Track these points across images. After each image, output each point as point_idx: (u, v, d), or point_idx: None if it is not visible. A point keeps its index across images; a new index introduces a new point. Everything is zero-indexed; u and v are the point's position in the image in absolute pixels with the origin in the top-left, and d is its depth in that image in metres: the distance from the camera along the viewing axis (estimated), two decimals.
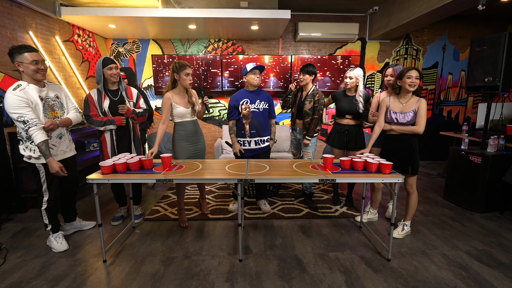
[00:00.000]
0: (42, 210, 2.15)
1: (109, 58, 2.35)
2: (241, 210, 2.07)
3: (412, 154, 2.29)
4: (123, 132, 2.49)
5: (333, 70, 4.65)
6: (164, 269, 1.98)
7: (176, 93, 2.42)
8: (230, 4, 3.74)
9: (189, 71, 2.37)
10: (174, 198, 3.35)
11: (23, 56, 1.89)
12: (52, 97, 2.09)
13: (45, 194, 2.13)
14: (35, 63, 1.92)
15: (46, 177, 2.11)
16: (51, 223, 2.19)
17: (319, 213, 2.90)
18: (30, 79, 1.97)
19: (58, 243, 2.21)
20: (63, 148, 2.19)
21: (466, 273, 1.94)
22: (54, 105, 2.10)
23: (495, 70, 2.69)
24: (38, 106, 1.97)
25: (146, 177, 1.93)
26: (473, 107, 5.16)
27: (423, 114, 2.20)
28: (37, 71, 1.94)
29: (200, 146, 2.62)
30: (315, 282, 1.84)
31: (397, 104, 2.31)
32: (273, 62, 4.56)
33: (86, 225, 2.55)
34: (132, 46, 4.66)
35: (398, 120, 2.29)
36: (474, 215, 2.89)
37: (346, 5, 4.27)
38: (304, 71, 2.79)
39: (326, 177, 1.92)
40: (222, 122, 4.96)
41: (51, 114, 2.07)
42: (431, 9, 3.14)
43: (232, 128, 2.72)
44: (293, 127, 3.06)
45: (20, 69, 1.94)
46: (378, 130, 2.39)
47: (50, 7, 3.34)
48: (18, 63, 1.91)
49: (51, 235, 2.23)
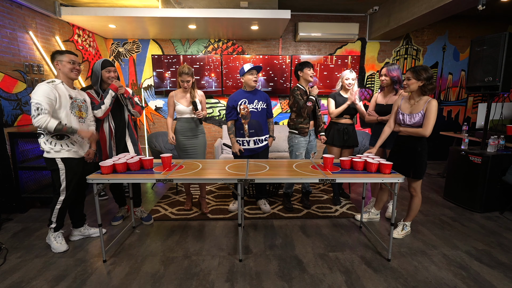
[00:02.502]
0: (56, 209, 2.12)
1: (109, 60, 2.39)
2: (241, 210, 2.07)
3: (415, 158, 2.24)
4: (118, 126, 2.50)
5: (333, 70, 4.65)
6: (164, 269, 1.98)
7: (179, 92, 2.70)
8: (230, 4, 3.74)
9: (186, 78, 2.59)
10: (174, 198, 3.35)
11: (64, 55, 2.07)
12: (80, 99, 2.21)
13: (62, 193, 2.12)
14: (72, 63, 2.10)
15: (66, 175, 2.10)
16: (57, 222, 2.17)
17: (319, 213, 2.90)
18: (65, 78, 2.12)
19: (58, 243, 2.20)
20: (84, 148, 2.25)
21: (466, 273, 1.94)
22: (82, 107, 2.21)
23: (495, 70, 2.69)
24: (66, 101, 2.07)
25: (146, 177, 1.93)
26: (473, 107, 5.16)
27: (430, 116, 2.11)
28: (72, 70, 2.10)
29: (196, 141, 2.75)
30: (315, 282, 1.84)
31: (407, 105, 2.28)
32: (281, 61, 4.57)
33: (94, 233, 2.44)
34: (132, 46, 4.66)
35: (405, 122, 2.25)
36: (474, 215, 2.89)
37: (346, 5, 4.27)
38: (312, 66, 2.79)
39: (326, 177, 1.92)
40: (222, 122, 4.96)
41: (78, 113, 2.17)
42: (431, 9, 3.14)
43: (230, 129, 2.73)
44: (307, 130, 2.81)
45: (58, 67, 2.09)
46: (388, 131, 2.38)
47: (50, 7, 3.34)
48: (58, 61, 2.07)
49: (51, 233, 2.20)
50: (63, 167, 2.09)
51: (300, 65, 2.78)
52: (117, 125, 2.51)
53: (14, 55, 2.91)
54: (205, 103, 2.84)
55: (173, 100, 2.67)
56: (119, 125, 2.52)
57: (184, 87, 2.63)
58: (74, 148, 2.14)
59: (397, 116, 2.31)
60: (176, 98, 2.67)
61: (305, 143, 2.84)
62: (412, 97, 2.26)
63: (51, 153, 2.06)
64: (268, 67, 4.59)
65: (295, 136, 2.82)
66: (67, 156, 2.09)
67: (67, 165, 2.10)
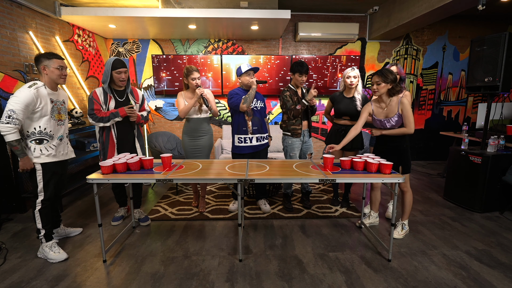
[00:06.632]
0: (36, 212, 2.06)
1: (120, 60, 2.33)
2: (241, 210, 2.07)
3: (402, 155, 2.31)
4: (127, 131, 2.48)
5: (333, 70, 4.65)
6: (164, 269, 1.98)
7: (187, 92, 2.74)
8: (230, 4, 3.74)
9: (195, 75, 2.62)
10: (174, 198, 3.35)
11: (52, 61, 2.02)
12: (60, 102, 2.18)
13: (40, 194, 2.08)
14: (61, 69, 2.06)
15: (43, 176, 2.07)
16: (44, 228, 2.08)
17: (319, 213, 2.90)
18: (50, 82, 2.06)
19: (55, 253, 2.09)
20: (62, 150, 2.20)
21: (466, 273, 1.94)
22: (61, 109, 2.19)
23: (495, 70, 2.69)
24: (47, 106, 2.03)
25: (146, 177, 1.93)
26: (473, 107, 5.16)
27: (408, 114, 2.17)
28: (61, 76, 2.07)
29: (200, 142, 2.77)
30: (315, 282, 1.84)
31: (380, 110, 2.31)
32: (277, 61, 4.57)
33: (72, 232, 2.45)
34: (132, 46, 4.66)
35: (385, 126, 2.29)
36: (474, 215, 2.89)
37: (346, 5, 4.27)
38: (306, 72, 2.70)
39: (326, 177, 1.92)
40: (222, 122, 4.96)
41: (57, 116, 2.14)
42: (431, 9, 3.14)
43: (246, 98, 2.55)
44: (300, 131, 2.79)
45: (44, 72, 2.03)
46: (353, 134, 2.36)
47: (50, 7, 3.34)
48: (44, 66, 2.01)
49: (44, 243, 2.10)
50: (40, 168, 2.05)
51: (294, 66, 2.69)
52: (126, 129, 2.48)
53: (14, 55, 2.91)
54: (214, 100, 2.82)
55: (183, 98, 2.69)
56: (128, 129, 2.49)
57: (196, 84, 2.61)
58: (53, 152, 2.10)
59: (375, 122, 2.36)
60: (185, 98, 2.70)
61: (299, 144, 2.83)
62: (381, 100, 2.29)
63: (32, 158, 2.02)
64: (268, 67, 4.58)
65: (288, 137, 2.82)
66: (47, 161, 2.06)
67: (44, 166, 2.06)
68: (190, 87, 2.69)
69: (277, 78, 4.64)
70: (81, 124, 3.39)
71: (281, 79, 4.64)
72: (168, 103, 4.85)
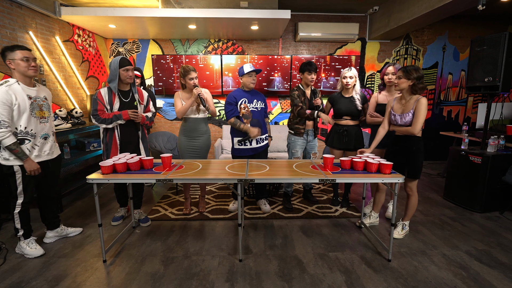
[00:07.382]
0: (15, 214, 2.06)
1: (126, 58, 2.32)
2: (241, 210, 2.07)
3: (410, 157, 2.26)
4: (131, 133, 2.46)
5: (333, 70, 4.66)
6: (164, 269, 1.98)
7: (184, 92, 2.71)
8: (230, 4, 3.74)
9: (192, 75, 2.59)
10: (174, 198, 3.35)
11: (15, 53, 1.91)
12: (41, 98, 2.10)
13: (19, 196, 2.05)
14: (26, 60, 1.94)
15: (23, 179, 2.03)
16: (23, 228, 2.09)
17: (319, 213, 2.90)
18: (21, 77, 1.97)
19: (32, 249, 2.12)
20: (47, 149, 2.15)
21: (466, 273, 1.94)
22: (43, 106, 2.10)
23: (495, 70, 2.69)
24: (24, 103, 1.95)
25: (146, 177, 1.93)
26: (473, 107, 5.16)
27: (419, 115, 2.15)
28: (28, 68, 1.96)
29: (198, 143, 2.74)
30: (315, 282, 1.84)
31: (399, 106, 2.30)
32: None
33: (72, 232, 2.45)
34: (132, 46, 4.66)
35: (397, 122, 2.28)
36: (474, 215, 2.89)
37: (346, 5, 4.27)
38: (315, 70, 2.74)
39: (326, 177, 1.92)
40: (222, 122, 4.96)
41: (39, 113, 2.06)
42: (431, 9, 3.14)
43: (236, 122, 2.63)
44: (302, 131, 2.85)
45: (11, 67, 1.94)
46: (382, 133, 2.40)
47: (50, 7, 3.34)
48: (10, 60, 1.93)
49: (22, 241, 2.13)
50: (19, 170, 2.01)
51: (302, 66, 2.77)
52: (131, 131, 2.46)
53: None
54: (212, 99, 2.79)
55: (180, 99, 2.68)
56: (132, 131, 2.48)
57: (193, 84, 2.59)
58: (35, 152, 2.05)
59: (390, 117, 2.35)
60: (182, 98, 2.68)
61: (301, 142, 2.87)
62: (403, 97, 2.29)
63: (10, 161, 1.98)
64: (268, 67, 4.59)
65: (292, 135, 2.91)
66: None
67: (24, 169, 2.01)
68: (187, 87, 2.65)
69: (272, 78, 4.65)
70: (81, 124, 3.39)
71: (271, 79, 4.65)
72: (168, 103, 4.85)
